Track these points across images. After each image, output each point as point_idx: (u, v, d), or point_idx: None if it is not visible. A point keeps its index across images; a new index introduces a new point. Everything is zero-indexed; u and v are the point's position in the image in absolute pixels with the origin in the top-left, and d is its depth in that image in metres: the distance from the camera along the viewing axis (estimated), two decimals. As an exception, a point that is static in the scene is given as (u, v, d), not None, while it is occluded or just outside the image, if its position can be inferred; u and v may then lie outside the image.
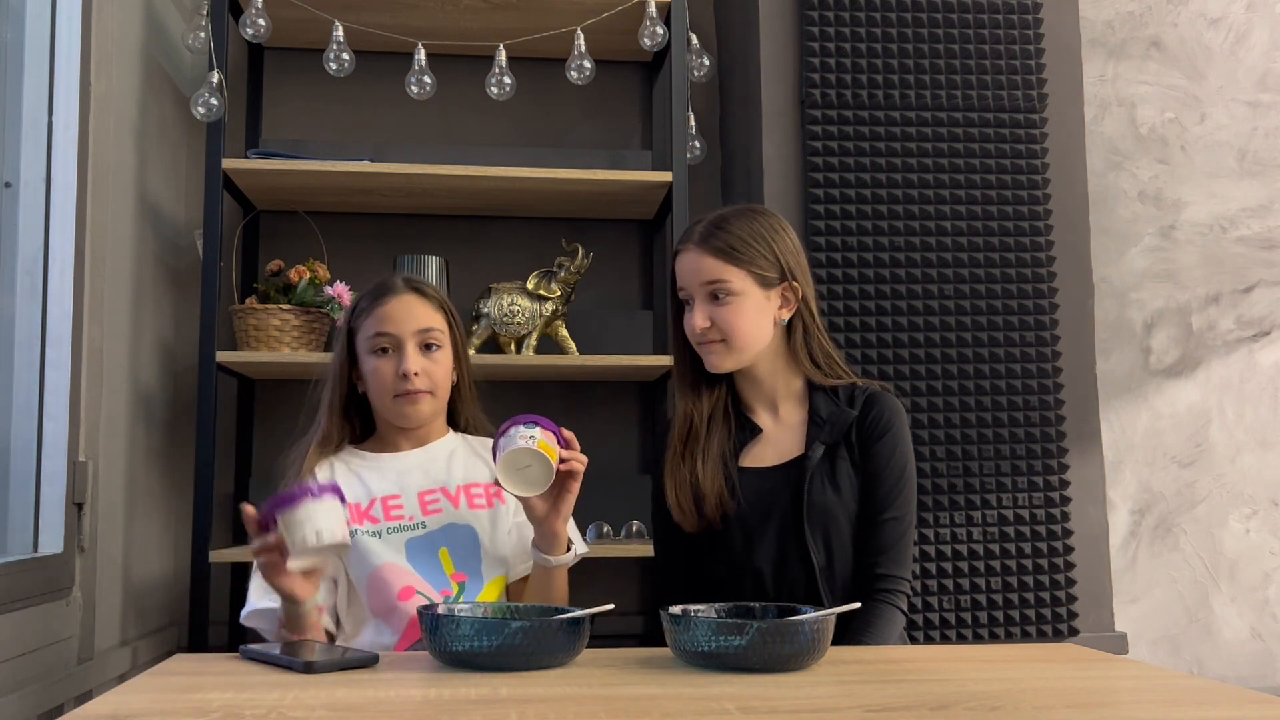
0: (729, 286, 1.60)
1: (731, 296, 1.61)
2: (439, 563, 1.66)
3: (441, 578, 1.65)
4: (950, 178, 2.38)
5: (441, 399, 1.72)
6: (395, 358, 1.66)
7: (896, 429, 1.65)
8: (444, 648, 1.19)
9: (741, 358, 1.64)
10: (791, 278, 1.65)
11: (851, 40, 2.39)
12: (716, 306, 1.61)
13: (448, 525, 1.67)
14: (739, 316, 1.61)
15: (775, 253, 1.64)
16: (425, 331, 1.68)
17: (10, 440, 1.85)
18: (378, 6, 2.44)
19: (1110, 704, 1.09)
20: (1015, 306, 2.36)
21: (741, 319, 1.61)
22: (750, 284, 1.62)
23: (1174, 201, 3.04)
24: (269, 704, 1.00)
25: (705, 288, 1.62)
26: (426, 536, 1.65)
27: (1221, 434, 2.97)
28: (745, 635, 1.16)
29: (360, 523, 1.64)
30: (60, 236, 1.90)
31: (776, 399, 1.69)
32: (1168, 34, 3.08)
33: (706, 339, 1.63)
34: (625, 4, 2.43)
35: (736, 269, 1.61)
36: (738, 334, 1.61)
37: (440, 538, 1.66)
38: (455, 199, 2.54)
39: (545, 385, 2.66)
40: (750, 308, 1.62)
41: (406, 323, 1.67)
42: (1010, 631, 2.26)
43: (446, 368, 1.71)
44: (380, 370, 1.66)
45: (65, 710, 1.75)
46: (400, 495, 1.68)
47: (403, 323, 1.67)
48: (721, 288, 1.61)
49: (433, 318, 1.70)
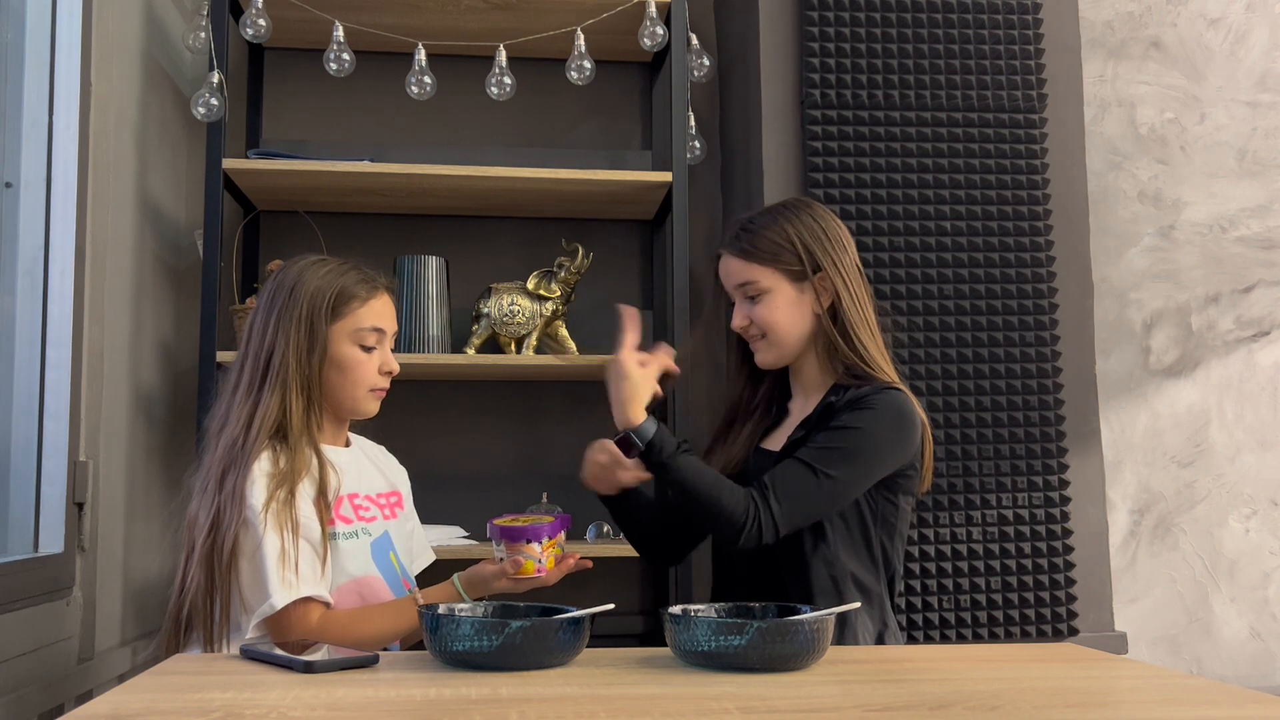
0: (759, 286, 1.67)
1: (763, 295, 1.67)
2: (393, 567, 1.68)
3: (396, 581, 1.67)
4: (950, 178, 2.38)
5: None
6: (379, 353, 1.66)
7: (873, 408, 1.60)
8: (444, 648, 1.19)
9: (784, 352, 1.69)
10: (819, 270, 1.65)
11: (851, 40, 2.39)
12: (753, 305, 1.68)
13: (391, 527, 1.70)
14: (773, 312, 1.67)
15: (801, 247, 1.65)
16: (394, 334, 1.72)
17: (10, 440, 1.85)
18: (378, 6, 2.44)
19: (1110, 704, 1.09)
20: (1015, 306, 2.36)
21: (775, 314, 1.67)
22: (780, 280, 1.67)
23: (1174, 201, 3.04)
24: (269, 704, 1.00)
25: (739, 290, 1.70)
26: (383, 539, 1.67)
27: (1221, 434, 2.97)
28: (745, 635, 1.16)
29: (333, 523, 1.58)
30: (60, 236, 1.90)
31: (809, 390, 1.73)
32: (1167, 34, 3.08)
33: (749, 335, 1.71)
34: (625, 4, 2.43)
35: (763, 268, 1.66)
36: (775, 329, 1.67)
37: (388, 541, 1.69)
38: (455, 199, 2.54)
39: (545, 385, 2.66)
40: (783, 303, 1.67)
41: (393, 322, 1.69)
42: (1010, 631, 2.26)
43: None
44: (365, 362, 1.64)
45: (65, 710, 1.75)
46: (359, 494, 1.67)
47: (391, 321, 1.69)
48: (753, 288, 1.67)
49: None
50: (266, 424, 1.55)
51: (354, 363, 1.63)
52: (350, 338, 1.63)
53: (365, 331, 1.64)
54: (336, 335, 1.63)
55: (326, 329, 1.61)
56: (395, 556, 1.69)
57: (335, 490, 1.59)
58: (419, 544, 1.83)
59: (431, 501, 2.54)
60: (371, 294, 1.67)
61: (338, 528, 1.58)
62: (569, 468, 2.65)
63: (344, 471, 1.64)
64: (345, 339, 1.63)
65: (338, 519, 1.58)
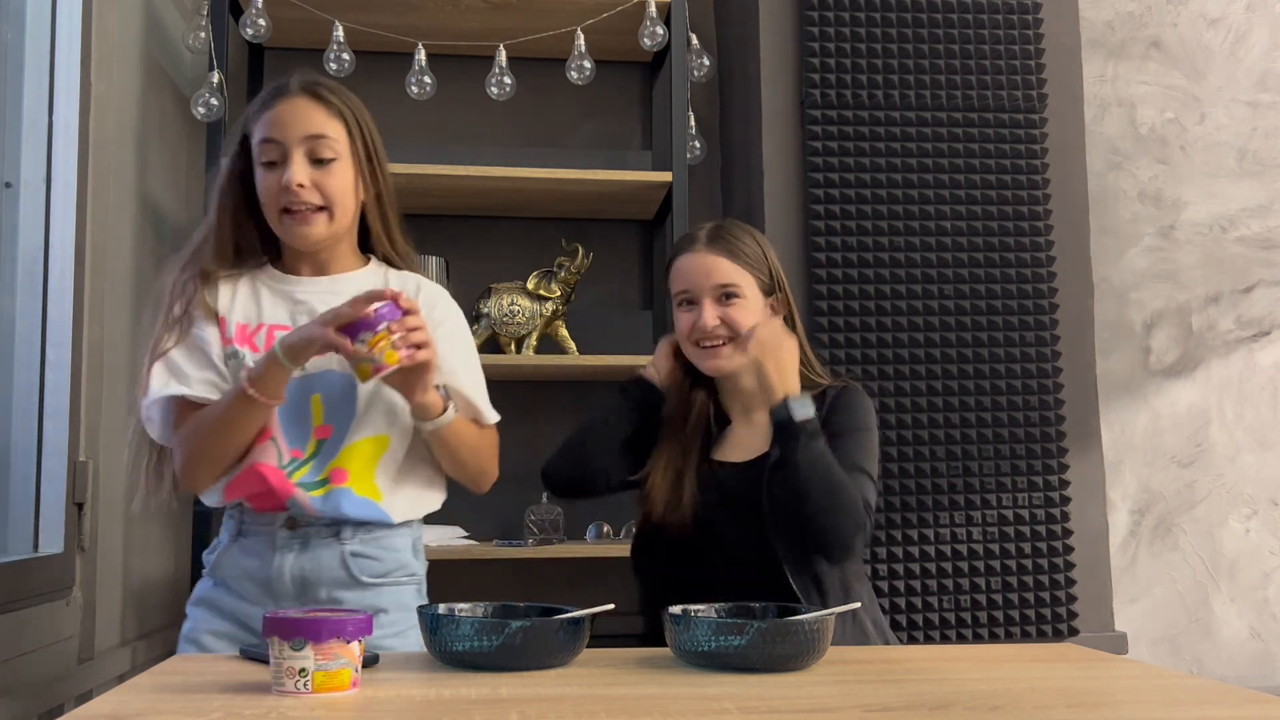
0: (739, 289, 1.67)
1: (740, 299, 1.67)
2: (308, 412, 1.50)
3: (301, 431, 1.50)
4: (950, 178, 2.38)
5: (342, 220, 1.52)
6: (281, 168, 1.48)
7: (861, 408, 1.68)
8: (444, 648, 1.19)
9: (744, 359, 1.67)
10: (780, 289, 1.73)
11: (851, 40, 2.39)
12: (725, 307, 1.67)
13: (326, 371, 1.49)
14: (747, 316, 1.67)
15: (769, 264, 1.73)
16: (315, 139, 1.48)
17: (10, 440, 1.85)
18: (378, 6, 2.44)
19: (1110, 704, 1.09)
20: (1015, 306, 2.36)
21: (750, 318, 1.67)
22: (755, 289, 1.69)
23: (1174, 201, 3.04)
24: (269, 704, 1.00)
25: (717, 289, 1.67)
26: (303, 380, 1.48)
27: (1221, 434, 2.97)
28: (745, 635, 1.16)
29: (243, 345, 1.50)
30: (60, 236, 1.90)
31: (751, 405, 1.72)
32: (1168, 34, 3.08)
33: (715, 337, 1.67)
34: (625, 4, 2.43)
35: (746, 272, 1.69)
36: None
37: (316, 382, 1.50)
38: (455, 199, 2.54)
39: (545, 385, 2.66)
40: (755, 309, 1.68)
41: (293, 128, 1.48)
42: (1010, 631, 2.26)
43: (345, 183, 1.51)
44: (266, 183, 1.49)
45: (65, 710, 1.75)
46: (290, 328, 1.50)
47: (289, 128, 1.48)
48: (732, 289, 1.67)
49: (326, 124, 1.50)
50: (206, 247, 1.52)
51: (259, 184, 1.50)
52: (257, 156, 1.50)
53: (261, 145, 1.49)
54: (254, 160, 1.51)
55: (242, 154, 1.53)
56: (320, 401, 1.50)
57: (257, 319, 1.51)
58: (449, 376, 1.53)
59: (431, 501, 2.55)
60: (270, 102, 1.50)
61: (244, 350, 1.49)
62: (569, 468, 2.67)
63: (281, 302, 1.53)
64: (256, 160, 1.50)
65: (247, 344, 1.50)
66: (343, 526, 1.49)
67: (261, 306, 1.54)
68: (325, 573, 1.49)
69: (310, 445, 1.50)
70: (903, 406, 2.29)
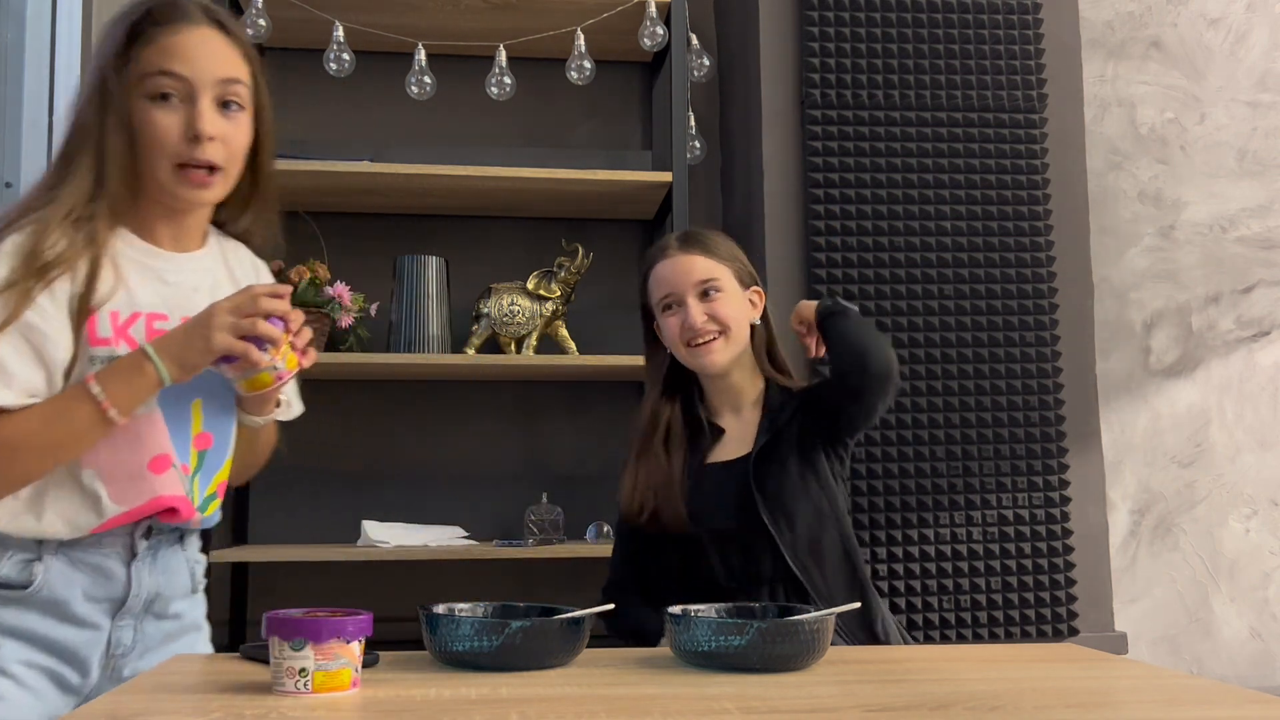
0: (719, 282, 1.71)
1: (720, 293, 1.71)
2: (188, 419, 1.28)
3: (181, 442, 1.28)
4: (950, 178, 2.38)
5: (232, 180, 1.30)
6: (184, 111, 1.23)
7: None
8: (444, 648, 1.19)
9: (737, 350, 1.72)
10: (755, 283, 1.78)
11: (851, 40, 2.39)
12: (709, 302, 1.70)
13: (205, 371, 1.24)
14: (732, 309, 1.71)
15: (741, 260, 1.78)
16: (229, 83, 1.25)
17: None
18: (378, 6, 2.44)
19: (1110, 704, 1.09)
20: (1015, 306, 2.36)
21: (734, 310, 1.71)
22: (733, 281, 1.74)
23: (1174, 201, 3.04)
24: (269, 704, 1.00)
25: (698, 286, 1.71)
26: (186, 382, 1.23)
27: (1221, 434, 2.97)
28: (745, 635, 1.16)
29: (116, 343, 1.21)
30: (60, 236, 1.90)
31: (741, 402, 1.75)
32: (1168, 34, 3.08)
33: (705, 333, 1.69)
34: (625, 4, 2.43)
35: (722, 265, 1.73)
36: (735, 324, 1.71)
37: (198, 385, 1.26)
38: (455, 199, 2.54)
39: (545, 385, 2.66)
40: (737, 301, 1.73)
41: (204, 65, 1.23)
42: (1010, 631, 2.26)
43: (246, 141, 1.30)
44: (161, 124, 1.22)
45: (65, 710, 1.75)
46: (168, 317, 1.26)
47: (198, 64, 1.23)
48: (713, 284, 1.71)
49: (239, 66, 1.27)
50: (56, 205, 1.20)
51: (147, 124, 1.22)
52: (142, 88, 1.23)
53: (158, 77, 1.22)
54: (131, 89, 1.23)
55: (117, 80, 1.22)
56: (200, 407, 1.30)
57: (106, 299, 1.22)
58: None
59: (431, 501, 2.55)
60: (164, 26, 1.23)
61: (119, 348, 1.22)
62: (569, 468, 2.67)
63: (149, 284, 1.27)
64: (137, 91, 1.23)
65: (122, 339, 1.22)
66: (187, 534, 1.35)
67: (131, 287, 1.25)
68: (176, 585, 1.33)
69: (193, 458, 1.30)
70: (902, 406, 2.29)
